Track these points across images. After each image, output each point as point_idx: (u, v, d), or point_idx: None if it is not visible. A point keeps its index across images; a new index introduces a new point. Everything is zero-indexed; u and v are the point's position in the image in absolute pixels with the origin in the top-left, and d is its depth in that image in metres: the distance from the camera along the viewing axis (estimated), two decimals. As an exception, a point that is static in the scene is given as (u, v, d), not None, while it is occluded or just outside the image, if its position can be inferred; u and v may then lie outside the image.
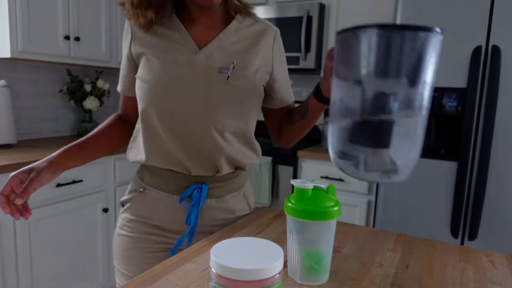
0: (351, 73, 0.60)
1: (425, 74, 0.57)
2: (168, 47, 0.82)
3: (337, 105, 0.64)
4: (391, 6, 2.12)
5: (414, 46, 0.55)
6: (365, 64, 0.57)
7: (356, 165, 0.62)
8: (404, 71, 0.57)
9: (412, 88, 0.58)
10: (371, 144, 0.60)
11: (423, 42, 0.55)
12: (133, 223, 0.88)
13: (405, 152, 0.61)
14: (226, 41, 0.84)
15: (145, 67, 0.82)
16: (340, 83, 0.62)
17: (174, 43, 0.82)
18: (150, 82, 0.81)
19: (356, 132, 0.61)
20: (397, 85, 0.58)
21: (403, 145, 0.60)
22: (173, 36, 0.83)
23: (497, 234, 1.69)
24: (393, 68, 0.57)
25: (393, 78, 0.57)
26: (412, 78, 0.57)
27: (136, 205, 0.88)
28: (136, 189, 0.89)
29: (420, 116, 0.60)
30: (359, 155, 0.61)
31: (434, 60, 0.56)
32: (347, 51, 0.60)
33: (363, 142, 0.60)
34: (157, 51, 0.82)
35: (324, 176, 2.13)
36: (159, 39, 0.83)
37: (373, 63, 0.57)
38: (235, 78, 0.81)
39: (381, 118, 0.58)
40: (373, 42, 0.56)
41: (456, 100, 1.70)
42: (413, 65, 0.56)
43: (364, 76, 0.58)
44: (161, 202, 0.86)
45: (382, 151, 0.59)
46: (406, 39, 0.54)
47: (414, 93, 0.58)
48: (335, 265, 0.67)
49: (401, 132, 0.59)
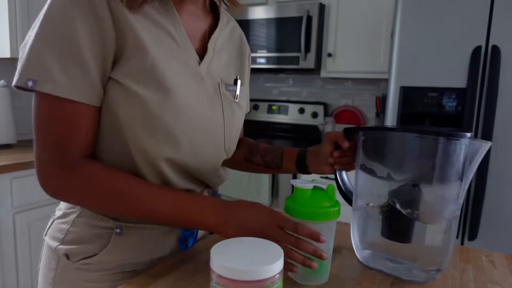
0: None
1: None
2: (167, 47, 0.61)
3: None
4: (391, 6, 2.12)
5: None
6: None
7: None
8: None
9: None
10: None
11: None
12: (103, 276, 0.65)
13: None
14: (218, 44, 0.71)
15: (141, 72, 0.57)
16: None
17: (172, 40, 0.62)
18: (160, 99, 0.58)
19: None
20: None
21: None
22: (168, 29, 0.62)
23: (497, 234, 1.69)
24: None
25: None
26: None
27: (109, 254, 0.64)
28: (102, 233, 0.64)
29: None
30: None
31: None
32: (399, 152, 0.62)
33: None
34: (157, 50, 0.58)
35: (324, 176, 2.13)
36: (154, 29, 0.59)
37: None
38: (240, 95, 0.73)
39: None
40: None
41: (456, 100, 1.70)
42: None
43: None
44: (154, 237, 0.68)
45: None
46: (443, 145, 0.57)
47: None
48: (335, 265, 0.67)
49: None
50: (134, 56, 0.57)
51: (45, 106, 0.54)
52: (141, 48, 0.57)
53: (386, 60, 2.17)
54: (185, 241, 0.71)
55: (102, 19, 0.54)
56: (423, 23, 1.71)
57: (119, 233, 0.64)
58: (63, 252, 0.65)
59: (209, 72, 0.67)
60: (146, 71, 0.57)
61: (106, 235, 0.64)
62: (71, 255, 0.65)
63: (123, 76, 0.56)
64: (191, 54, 0.64)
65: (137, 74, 0.57)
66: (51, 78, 0.52)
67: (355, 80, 2.58)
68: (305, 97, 2.78)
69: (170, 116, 0.59)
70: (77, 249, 0.64)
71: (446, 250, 0.61)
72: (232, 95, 0.71)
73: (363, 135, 0.66)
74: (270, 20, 2.40)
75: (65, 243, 0.65)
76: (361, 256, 0.68)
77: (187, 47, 0.64)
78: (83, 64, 0.54)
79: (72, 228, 0.65)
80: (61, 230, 0.67)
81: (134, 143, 0.58)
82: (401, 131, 0.60)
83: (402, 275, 0.62)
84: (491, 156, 1.67)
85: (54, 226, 0.68)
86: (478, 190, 1.69)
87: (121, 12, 0.56)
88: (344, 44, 2.29)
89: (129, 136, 0.58)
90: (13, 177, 1.64)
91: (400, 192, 0.61)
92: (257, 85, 2.95)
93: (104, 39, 0.55)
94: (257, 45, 2.46)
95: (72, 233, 0.65)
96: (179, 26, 0.63)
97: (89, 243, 0.64)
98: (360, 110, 2.58)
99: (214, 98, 0.67)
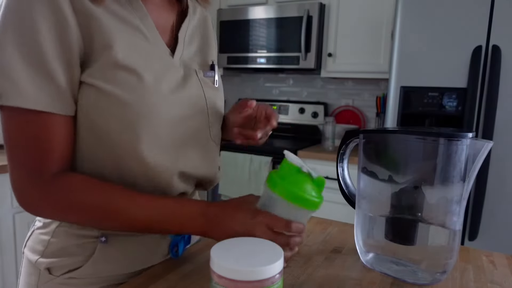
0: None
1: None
2: (137, 42, 0.57)
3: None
4: (391, 6, 2.12)
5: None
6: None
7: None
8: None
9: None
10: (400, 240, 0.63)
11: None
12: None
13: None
14: (188, 33, 0.69)
15: (112, 70, 0.54)
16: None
17: (141, 35, 0.59)
18: (135, 100, 0.55)
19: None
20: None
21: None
22: (136, 23, 0.58)
23: (497, 234, 1.69)
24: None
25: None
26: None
27: (95, 266, 0.60)
28: (86, 243, 0.60)
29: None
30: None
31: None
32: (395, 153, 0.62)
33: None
34: (126, 46, 0.55)
35: (324, 176, 2.13)
36: (122, 25, 0.56)
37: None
38: (218, 81, 0.72)
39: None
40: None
41: (456, 100, 1.70)
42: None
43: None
44: (143, 245, 0.64)
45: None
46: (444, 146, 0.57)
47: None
48: (335, 265, 0.67)
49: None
50: (103, 55, 0.53)
51: (14, 120, 0.50)
52: (109, 46, 0.53)
53: (386, 60, 2.17)
54: (175, 247, 0.67)
55: (66, 19, 0.50)
56: (423, 23, 1.71)
57: (105, 242, 0.60)
58: (45, 266, 0.60)
59: (183, 62, 0.65)
60: (117, 69, 0.54)
61: (90, 244, 0.60)
62: (54, 269, 0.60)
63: (93, 78, 0.53)
64: (162, 47, 0.62)
65: (108, 74, 0.54)
66: (17, 90, 0.48)
67: (356, 80, 2.58)
68: (305, 97, 2.78)
69: (148, 112, 0.56)
70: (60, 262, 0.59)
71: (451, 252, 0.60)
72: (211, 81, 0.70)
73: (364, 138, 0.66)
74: (270, 20, 2.40)
75: (46, 256, 0.60)
76: (365, 259, 0.68)
77: (157, 40, 0.61)
78: (48, 71, 0.50)
79: (54, 239, 0.60)
80: (42, 241, 0.61)
81: (117, 145, 0.56)
82: (402, 133, 0.59)
83: (407, 277, 0.61)
84: (492, 156, 1.67)
85: (34, 237, 0.63)
86: (478, 190, 1.69)
87: (86, 10, 0.52)
88: (344, 44, 2.29)
89: (111, 138, 0.55)
90: (13, 177, 1.64)
91: (403, 194, 0.61)
92: (257, 85, 2.95)
93: (69, 40, 0.51)
94: (257, 45, 2.46)
95: (53, 245, 0.60)
96: (147, 19, 0.60)
97: (73, 254, 0.60)
98: (360, 110, 2.58)
99: (194, 87, 0.65)
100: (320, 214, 2.15)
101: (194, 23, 0.71)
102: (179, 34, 0.66)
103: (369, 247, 0.67)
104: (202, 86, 0.67)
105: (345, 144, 0.73)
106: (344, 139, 0.72)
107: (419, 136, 0.58)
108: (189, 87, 0.64)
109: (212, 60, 0.73)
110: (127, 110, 0.54)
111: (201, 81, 0.67)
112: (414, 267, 0.62)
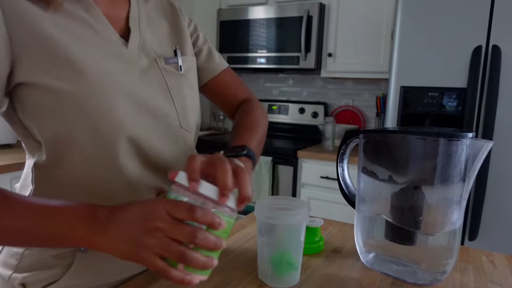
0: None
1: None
2: (86, 38, 0.55)
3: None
4: (391, 6, 2.12)
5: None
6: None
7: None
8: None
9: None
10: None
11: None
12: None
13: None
14: (142, 21, 0.66)
15: (58, 67, 0.51)
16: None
17: (91, 31, 0.57)
18: (86, 93, 0.52)
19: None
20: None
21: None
22: (85, 19, 0.57)
23: (497, 234, 1.69)
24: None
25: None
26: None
27: (75, 277, 0.56)
28: (64, 253, 0.56)
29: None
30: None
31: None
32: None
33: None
34: (73, 44, 0.53)
35: (324, 176, 2.13)
36: (70, 24, 0.54)
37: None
38: (185, 66, 0.69)
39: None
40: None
41: (456, 100, 1.70)
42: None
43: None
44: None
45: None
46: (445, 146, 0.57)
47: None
48: (336, 265, 0.67)
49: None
50: (42, 53, 0.50)
51: None
52: (54, 47, 0.51)
53: (386, 60, 2.17)
54: None
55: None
56: (423, 23, 1.71)
57: (84, 251, 0.55)
58: (19, 282, 0.55)
59: (142, 51, 0.63)
60: (66, 68, 0.51)
61: (68, 254, 0.55)
62: (29, 284, 0.55)
63: (35, 77, 0.50)
64: (114, 39, 0.59)
65: (51, 71, 0.51)
66: None
67: (356, 80, 2.58)
68: (305, 97, 2.78)
69: (107, 106, 0.53)
70: (36, 276, 0.55)
71: (451, 252, 0.60)
72: (175, 68, 0.67)
73: (364, 138, 0.66)
74: (270, 20, 2.40)
75: (20, 271, 0.55)
76: (365, 259, 0.68)
77: (109, 33, 0.59)
78: None
79: (28, 251, 0.55)
80: (15, 254, 0.56)
81: (85, 147, 0.53)
82: (402, 133, 0.59)
83: (407, 278, 0.61)
84: (492, 156, 1.67)
85: (6, 251, 0.57)
86: (478, 190, 1.69)
87: (18, 13, 0.49)
88: (344, 44, 2.29)
89: (77, 140, 0.52)
90: (13, 177, 1.64)
91: (403, 195, 0.61)
92: (257, 85, 2.95)
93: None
94: (257, 45, 2.46)
95: (27, 257, 0.55)
96: (93, 9, 0.58)
97: (50, 267, 0.55)
98: (360, 110, 2.58)
99: (154, 76, 0.63)
100: (320, 214, 2.15)
101: (147, 11, 0.68)
102: (130, 23, 0.63)
103: (369, 247, 0.67)
104: (163, 74, 0.64)
105: (345, 144, 0.73)
106: (344, 139, 0.72)
107: (419, 136, 0.58)
108: (150, 75, 0.62)
109: (175, 45, 0.70)
110: (85, 108, 0.52)
111: (162, 70, 0.64)
112: (414, 267, 0.61)
